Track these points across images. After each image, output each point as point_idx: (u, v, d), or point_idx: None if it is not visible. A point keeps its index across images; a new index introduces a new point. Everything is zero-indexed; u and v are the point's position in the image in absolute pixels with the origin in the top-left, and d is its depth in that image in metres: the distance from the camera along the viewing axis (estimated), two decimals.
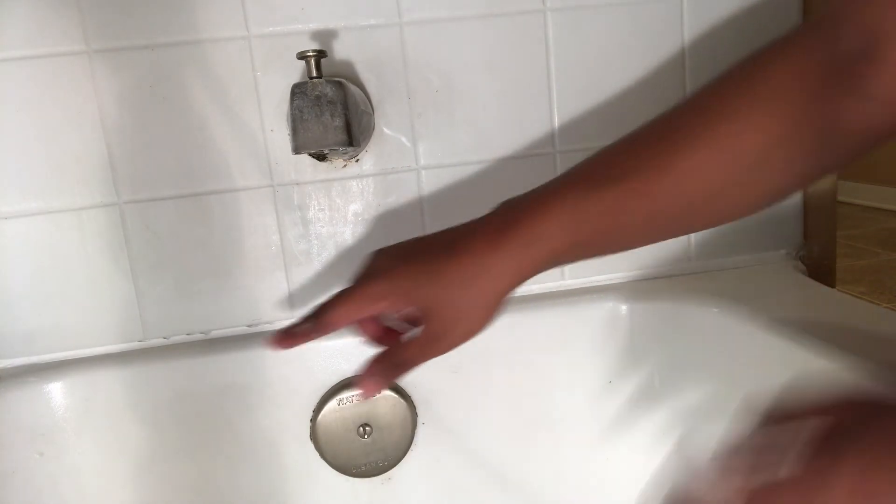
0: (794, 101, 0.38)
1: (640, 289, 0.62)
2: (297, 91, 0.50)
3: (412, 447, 0.61)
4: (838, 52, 0.37)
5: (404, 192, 0.61)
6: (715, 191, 0.40)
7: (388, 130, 0.60)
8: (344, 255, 0.61)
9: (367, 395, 0.47)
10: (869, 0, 0.36)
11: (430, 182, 0.61)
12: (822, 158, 0.40)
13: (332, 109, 0.50)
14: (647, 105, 0.62)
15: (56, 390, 0.56)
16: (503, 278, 0.42)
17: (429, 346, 0.43)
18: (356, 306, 0.42)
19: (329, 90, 0.50)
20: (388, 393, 0.59)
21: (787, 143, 0.39)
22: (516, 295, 0.63)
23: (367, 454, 0.60)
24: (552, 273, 0.64)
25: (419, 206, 0.61)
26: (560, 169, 0.62)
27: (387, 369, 0.43)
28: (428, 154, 0.61)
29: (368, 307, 0.42)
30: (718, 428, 0.56)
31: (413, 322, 0.44)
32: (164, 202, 0.59)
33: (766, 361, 0.47)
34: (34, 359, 0.59)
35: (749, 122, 0.39)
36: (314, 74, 0.51)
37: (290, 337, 0.45)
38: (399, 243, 0.45)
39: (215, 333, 0.61)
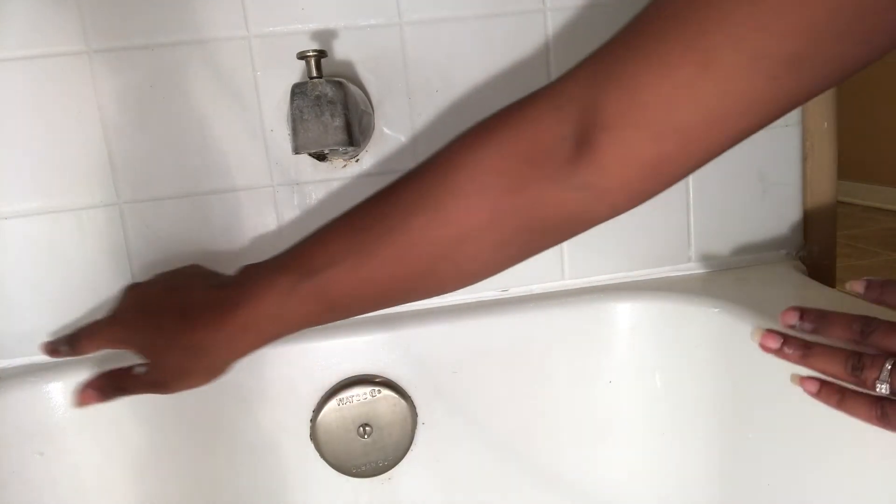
0: (490, 193, 0.39)
1: (640, 289, 0.62)
2: (297, 91, 0.50)
3: (412, 447, 0.61)
4: (546, 138, 0.37)
5: None
6: (420, 272, 0.42)
7: (388, 130, 0.60)
8: None
9: (80, 404, 0.49)
10: (591, 83, 0.36)
11: None
12: (531, 243, 0.41)
13: (332, 109, 0.50)
14: None
15: (56, 390, 0.56)
16: (224, 354, 0.46)
17: (150, 388, 0.48)
18: (102, 343, 0.49)
19: (329, 90, 0.50)
20: (388, 393, 0.59)
21: (485, 234, 0.40)
22: (516, 295, 0.64)
23: (367, 454, 0.60)
24: (552, 273, 0.64)
25: None
26: None
27: (107, 388, 0.49)
28: (428, 154, 0.61)
29: (110, 345, 0.49)
30: (718, 428, 0.56)
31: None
32: (164, 202, 0.59)
33: (767, 361, 0.47)
34: (34, 359, 0.59)
35: (443, 214, 0.40)
36: (314, 74, 0.51)
37: (49, 350, 0.50)
38: (151, 286, 0.50)
39: None
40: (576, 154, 0.36)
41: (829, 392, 0.37)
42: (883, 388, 0.33)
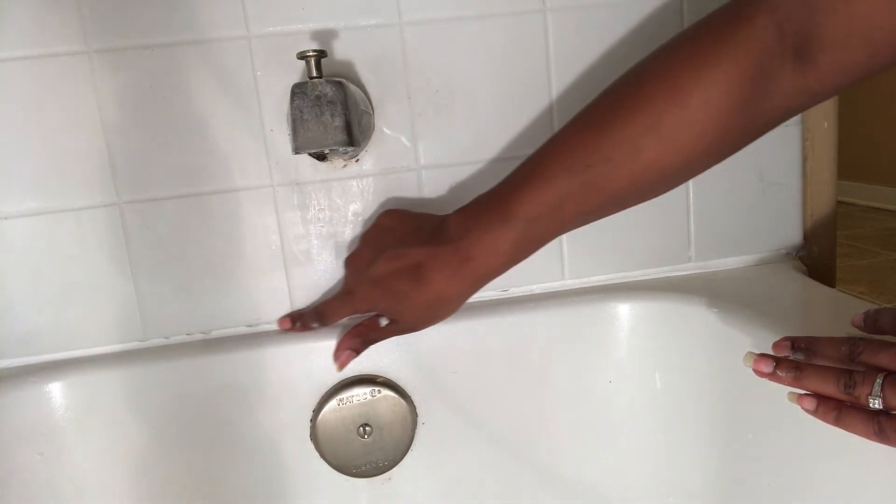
0: (720, 117, 0.43)
1: (640, 289, 0.62)
2: (297, 91, 0.50)
3: (412, 447, 0.61)
4: (768, 59, 0.41)
5: (404, 192, 0.61)
6: (640, 195, 0.47)
7: (388, 130, 0.60)
8: (344, 255, 0.61)
9: (341, 367, 0.56)
10: (806, 2, 0.39)
11: (430, 182, 0.61)
12: (740, 146, 0.45)
13: (332, 109, 0.50)
14: None
15: (56, 390, 0.56)
16: (462, 298, 0.52)
17: (397, 334, 0.55)
18: (345, 314, 0.57)
19: (329, 90, 0.50)
20: (388, 393, 0.59)
21: (709, 156, 0.45)
22: (516, 295, 0.64)
23: (367, 454, 0.60)
24: (552, 273, 0.64)
25: (419, 206, 0.61)
26: None
27: (358, 344, 0.55)
28: (428, 154, 0.61)
29: (353, 314, 0.57)
30: (718, 428, 0.56)
31: None
32: (164, 202, 0.59)
33: None
34: (34, 359, 0.59)
35: (673, 145, 0.44)
36: (314, 74, 0.51)
37: (299, 327, 0.59)
38: (364, 254, 0.56)
39: (215, 333, 0.61)
40: (797, 71, 0.40)
41: (826, 409, 0.37)
42: (876, 403, 0.34)
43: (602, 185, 0.46)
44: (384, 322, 0.54)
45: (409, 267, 0.50)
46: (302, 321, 0.59)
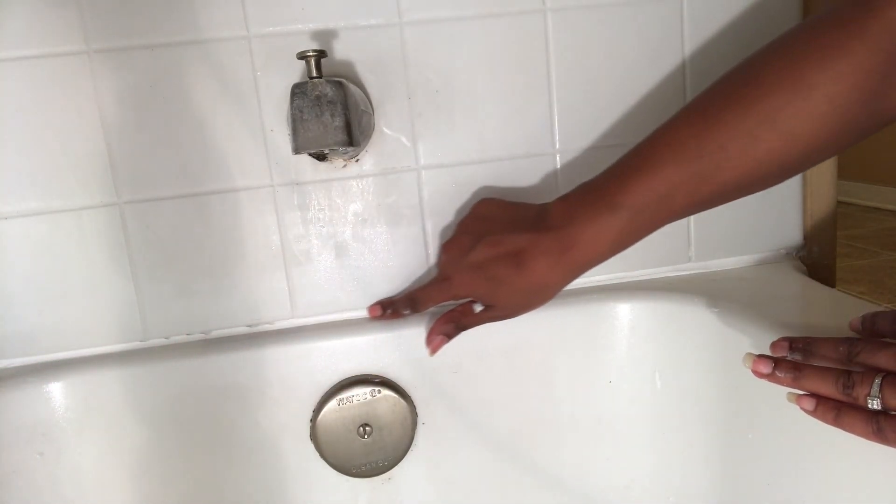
0: (846, 109, 0.42)
1: (640, 289, 0.62)
2: (297, 91, 0.50)
3: (412, 447, 0.61)
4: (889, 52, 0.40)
5: (404, 192, 0.61)
6: (752, 187, 0.46)
7: (388, 130, 0.60)
8: (344, 255, 0.61)
9: (434, 352, 0.55)
10: None
11: (430, 182, 0.61)
12: (856, 140, 0.44)
13: (332, 109, 0.50)
14: (647, 105, 0.62)
15: (56, 390, 0.56)
16: (561, 286, 0.52)
17: (491, 321, 0.56)
18: (440, 300, 0.57)
19: (329, 90, 0.50)
20: (388, 393, 0.59)
21: (829, 146, 0.43)
22: None
23: (367, 454, 0.60)
24: None
25: (419, 206, 0.61)
26: (560, 169, 0.62)
27: (451, 330, 0.55)
28: (428, 154, 0.61)
29: (447, 301, 0.57)
30: (719, 428, 0.56)
31: None
32: (164, 202, 0.59)
33: None
34: (34, 359, 0.59)
35: (792, 140, 0.43)
36: (314, 74, 0.51)
37: (390, 314, 0.59)
38: (463, 241, 0.55)
39: (215, 333, 0.61)
40: None
41: (825, 409, 0.37)
42: (875, 404, 0.34)
43: (714, 176, 0.45)
44: (478, 308, 0.55)
45: (510, 253, 0.51)
46: (393, 308, 0.59)
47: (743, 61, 0.46)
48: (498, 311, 0.54)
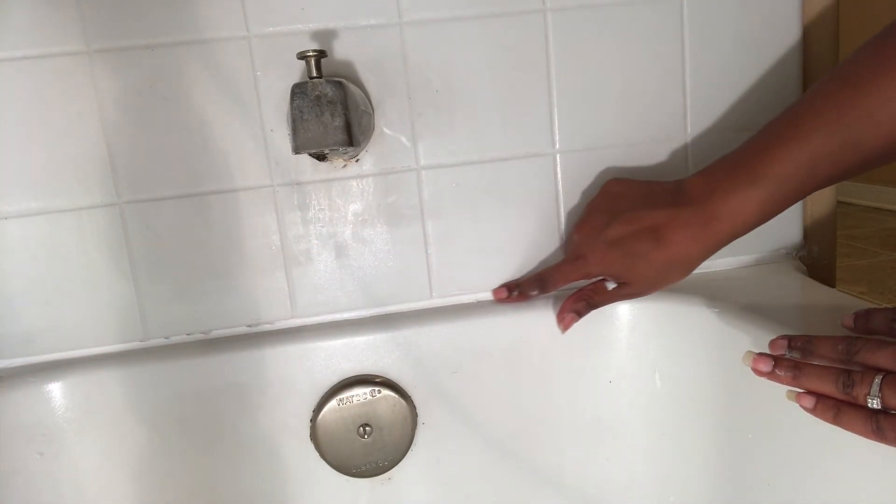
0: None
1: None
2: (297, 91, 0.50)
3: (412, 447, 0.61)
4: None
5: (404, 192, 0.61)
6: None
7: (388, 130, 0.60)
8: (344, 255, 0.61)
9: (565, 329, 0.56)
10: None
11: (430, 182, 0.61)
12: None
13: (332, 109, 0.50)
14: (647, 105, 0.62)
15: (56, 390, 0.56)
16: (700, 260, 0.51)
17: (625, 298, 0.57)
18: (571, 279, 0.57)
19: (329, 90, 0.50)
20: (388, 393, 0.59)
21: None
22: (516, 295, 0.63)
23: (367, 454, 0.60)
24: None
25: (419, 206, 0.61)
26: (561, 169, 0.62)
27: (582, 307, 0.56)
28: (428, 154, 0.61)
29: (579, 279, 0.57)
30: (718, 428, 0.56)
31: None
32: (164, 202, 0.59)
33: None
34: (34, 359, 0.59)
35: None
36: (314, 74, 0.51)
37: (516, 297, 0.60)
38: (594, 220, 0.56)
39: (215, 333, 0.61)
40: None
41: (824, 408, 0.37)
42: (875, 403, 0.34)
43: (860, 144, 0.44)
44: (611, 286, 0.55)
45: (649, 228, 0.51)
46: (520, 290, 0.59)
47: (890, 23, 0.45)
48: (632, 287, 0.55)
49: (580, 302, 0.56)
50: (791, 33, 0.62)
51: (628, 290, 0.55)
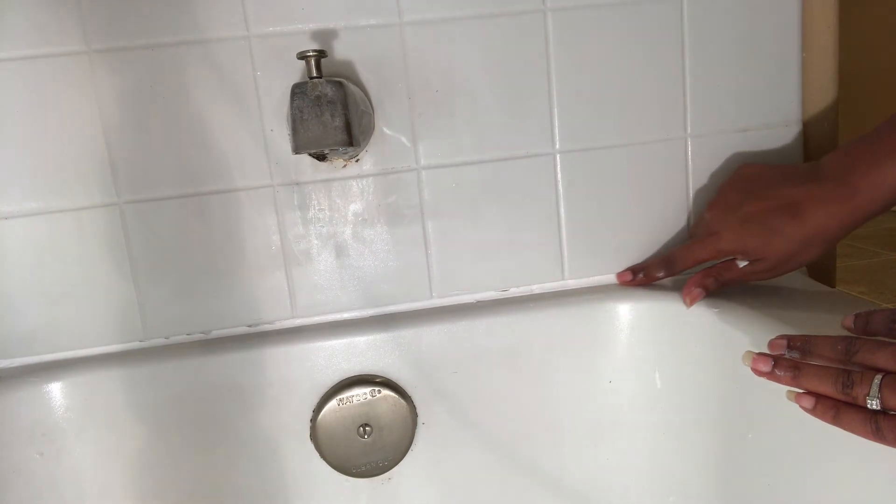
0: None
1: (640, 289, 0.62)
2: (297, 91, 0.50)
3: (412, 447, 0.61)
4: None
5: (404, 192, 0.61)
6: None
7: (388, 130, 0.60)
8: (344, 255, 0.61)
9: (690, 304, 0.56)
10: None
11: (430, 182, 0.61)
12: None
13: (332, 109, 0.50)
14: (647, 105, 0.62)
15: (56, 390, 0.56)
16: (838, 237, 0.51)
17: (755, 276, 0.55)
18: (702, 259, 0.57)
19: (329, 90, 0.50)
20: (388, 393, 0.59)
21: None
22: (516, 295, 0.64)
23: (367, 454, 0.60)
24: (552, 273, 0.64)
25: (419, 206, 0.61)
26: (561, 169, 0.62)
27: (710, 284, 0.56)
28: (428, 154, 0.61)
29: (711, 258, 0.56)
30: (718, 428, 0.56)
31: None
32: (164, 202, 0.59)
33: None
34: (34, 359, 0.59)
35: None
36: (314, 74, 0.51)
37: (641, 280, 0.61)
38: (728, 199, 0.55)
39: (215, 333, 0.61)
40: None
41: (824, 408, 0.37)
42: (874, 403, 0.34)
43: None
44: (742, 264, 0.55)
45: (786, 204, 0.51)
46: (646, 272, 0.59)
47: None
48: (765, 264, 0.54)
49: (709, 278, 0.56)
50: (791, 33, 0.62)
51: (762, 266, 0.54)
